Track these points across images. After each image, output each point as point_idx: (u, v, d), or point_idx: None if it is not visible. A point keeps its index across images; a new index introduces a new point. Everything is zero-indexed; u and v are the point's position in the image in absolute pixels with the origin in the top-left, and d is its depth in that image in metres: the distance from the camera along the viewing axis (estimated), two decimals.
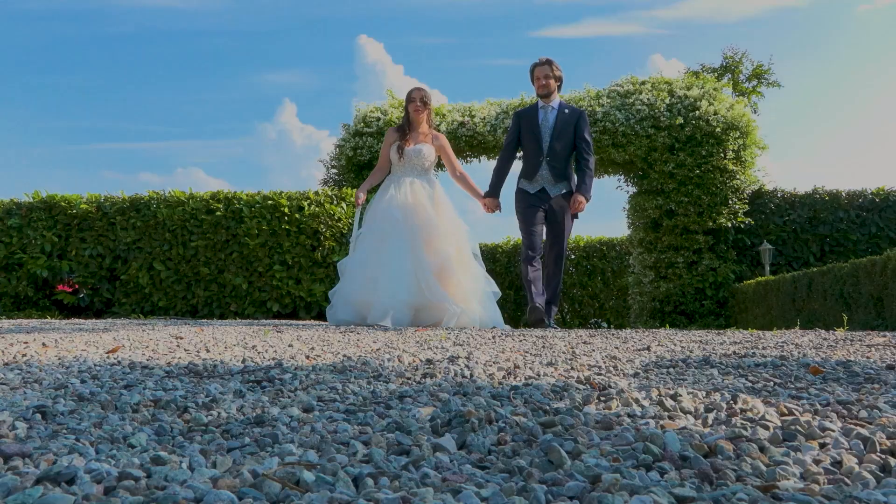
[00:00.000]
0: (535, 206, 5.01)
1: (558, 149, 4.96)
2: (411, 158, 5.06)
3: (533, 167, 5.00)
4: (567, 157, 5.02)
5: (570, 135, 5.00)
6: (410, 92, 5.25)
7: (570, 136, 5.00)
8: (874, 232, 8.90)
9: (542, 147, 4.96)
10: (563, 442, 0.93)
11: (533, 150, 5.01)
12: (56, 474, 0.76)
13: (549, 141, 4.96)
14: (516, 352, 2.14)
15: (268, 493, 0.74)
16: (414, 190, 5.00)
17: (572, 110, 5.08)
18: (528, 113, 5.13)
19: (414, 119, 5.17)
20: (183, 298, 7.86)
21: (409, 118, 5.20)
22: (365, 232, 4.97)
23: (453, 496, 0.73)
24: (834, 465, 0.85)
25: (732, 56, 23.65)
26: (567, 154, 5.02)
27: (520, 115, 5.17)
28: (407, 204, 4.89)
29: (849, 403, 1.18)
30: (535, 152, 5.00)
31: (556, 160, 4.96)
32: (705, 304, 8.70)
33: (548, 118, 5.02)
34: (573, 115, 5.04)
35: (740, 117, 8.63)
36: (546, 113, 5.04)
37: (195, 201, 7.88)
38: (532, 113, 5.10)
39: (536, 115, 5.05)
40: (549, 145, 4.96)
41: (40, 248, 7.88)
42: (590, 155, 5.04)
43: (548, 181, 4.97)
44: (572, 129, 5.02)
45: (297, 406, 1.23)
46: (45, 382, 1.47)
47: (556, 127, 4.97)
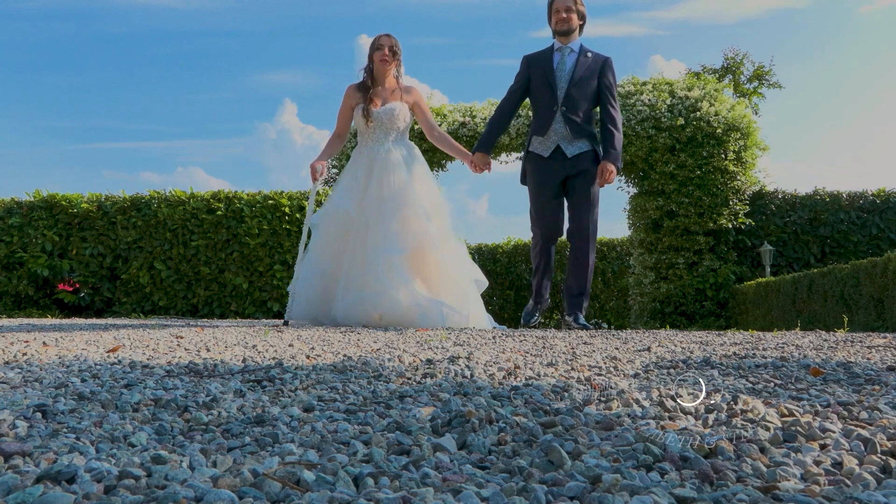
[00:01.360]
0: (551, 174, 4.11)
1: (577, 98, 4.07)
2: (382, 121, 4.21)
3: (545, 120, 4.10)
4: (588, 111, 4.14)
5: (592, 85, 4.12)
6: (378, 38, 4.31)
7: (592, 86, 4.12)
8: (875, 233, 8.89)
9: (557, 94, 4.07)
10: (563, 442, 0.93)
11: (545, 98, 4.13)
12: (56, 473, 0.76)
13: (565, 87, 4.07)
14: (517, 352, 2.14)
15: (268, 493, 0.74)
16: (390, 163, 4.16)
17: (595, 55, 4.17)
18: (541, 56, 4.22)
19: (380, 72, 4.28)
20: (183, 298, 7.86)
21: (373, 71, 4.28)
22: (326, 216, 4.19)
23: (454, 496, 0.73)
24: (834, 466, 0.85)
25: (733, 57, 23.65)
26: (588, 107, 4.13)
27: (529, 59, 4.24)
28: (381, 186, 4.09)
29: (849, 405, 1.18)
30: (547, 101, 4.11)
31: (574, 111, 4.07)
32: (706, 305, 8.69)
33: (565, 62, 4.12)
34: (597, 60, 4.15)
35: (741, 118, 8.63)
36: (563, 56, 4.15)
37: (196, 201, 7.89)
38: (546, 56, 4.19)
39: (551, 59, 4.15)
40: (565, 93, 4.07)
41: (41, 247, 7.88)
42: (617, 112, 4.14)
43: (564, 137, 4.07)
44: (595, 78, 4.13)
45: (298, 406, 1.23)
46: (45, 381, 1.47)
47: (576, 73, 4.08)
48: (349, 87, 4.37)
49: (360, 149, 4.31)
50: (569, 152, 4.07)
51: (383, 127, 4.21)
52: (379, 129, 4.21)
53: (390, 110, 4.21)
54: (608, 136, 4.11)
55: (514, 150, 9.26)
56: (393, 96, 4.28)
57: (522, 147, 9.11)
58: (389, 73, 4.30)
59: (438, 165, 9.18)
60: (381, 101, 4.25)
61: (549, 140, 4.09)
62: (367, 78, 4.30)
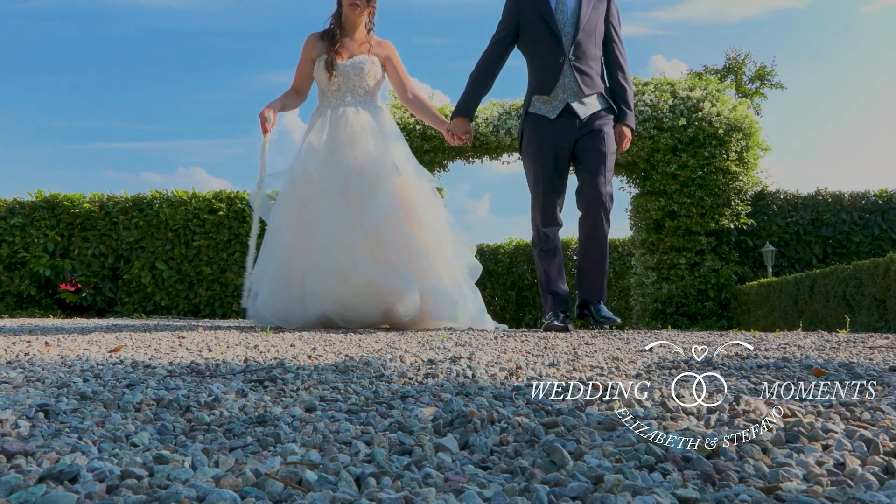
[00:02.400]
0: (559, 138, 3.33)
1: (586, 45, 3.32)
2: (349, 77, 3.54)
3: (549, 75, 3.32)
4: (599, 58, 3.42)
5: (599, 27, 3.37)
6: None
7: (599, 28, 3.37)
8: (877, 234, 8.88)
9: (562, 43, 3.29)
10: (565, 442, 0.93)
11: (546, 48, 3.32)
12: (59, 473, 0.76)
13: (571, 34, 3.30)
14: (518, 352, 2.14)
15: (270, 493, 0.74)
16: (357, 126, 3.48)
17: None
18: None
19: (349, 20, 3.60)
20: (185, 298, 7.87)
21: (341, 18, 3.61)
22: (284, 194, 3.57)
23: (456, 496, 0.73)
24: (837, 467, 0.85)
25: (735, 57, 23.65)
26: (599, 54, 3.42)
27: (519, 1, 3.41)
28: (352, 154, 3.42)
29: (851, 405, 1.17)
30: (550, 51, 3.31)
31: (585, 61, 3.32)
32: (707, 306, 8.69)
33: (565, 2, 3.34)
34: None
35: (743, 119, 8.63)
36: None
37: (197, 201, 7.90)
38: None
39: None
40: (572, 39, 3.30)
41: (43, 247, 7.89)
42: (626, 60, 3.45)
43: (575, 94, 3.31)
44: (602, 21, 3.40)
45: (300, 406, 1.23)
46: (47, 381, 1.48)
47: (582, 13, 3.31)
48: (310, 35, 3.66)
49: (321, 109, 3.63)
50: (581, 112, 3.31)
51: (349, 84, 3.55)
52: (344, 87, 3.56)
53: (359, 64, 3.55)
54: (619, 90, 3.42)
55: (516, 151, 9.24)
56: (362, 49, 3.62)
57: None
58: (361, 22, 3.62)
59: (440, 165, 9.18)
60: (348, 53, 3.58)
61: (555, 99, 3.33)
62: (334, 26, 3.61)
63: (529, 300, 11.36)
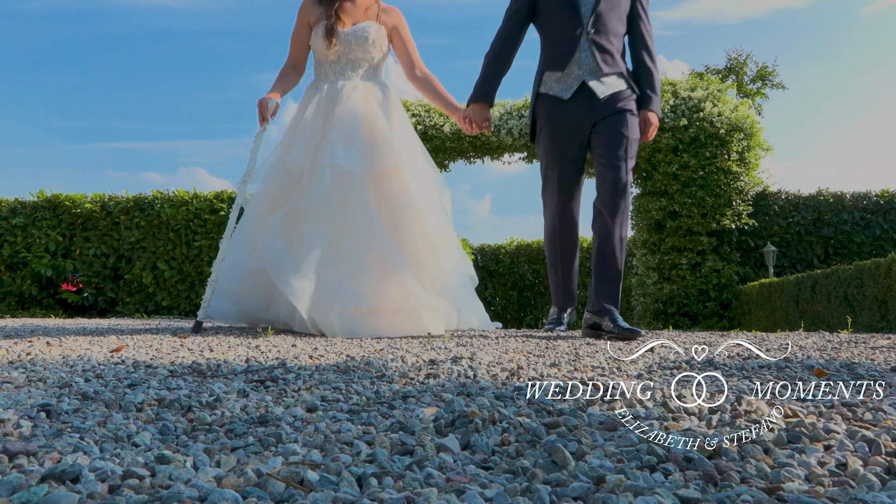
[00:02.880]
0: (575, 121, 2.98)
1: (607, 16, 2.94)
2: (351, 46, 3.08)
3: (565, 49, 2.95)
4: (622, 34, 3.03)
5: (624, 1, 3.01)
6: None
7: (624, 3, 3.01)
8: (878, 234, 8.88)
9: (581, 13, 2.92)
10: (566, 443, 0.93)
11: (563, 19, 2.96)
12: (61, 472, 0.76)
13: (591, 3, 2.92)
14: (519, 353, 2.14)
15: (272, 493, 0.74)
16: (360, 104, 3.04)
17: None
18: None
19: None
20: (186, 298, 7.87)
21: None
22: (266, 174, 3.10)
23: (457, 496, 0.73)
24: (839, 468, 0.85)
25: (737, 57, 23.64)
26: (622, 29, 3.02)
27: None
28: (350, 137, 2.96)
29: (853, 405, 1.17)
30: (567, 23, 2.95)
31: (605, 35, 2.94)
32: (709, 306, 8.68)
33: None
34: None
35: (744, 119, 8.62)
36: None
37: (199, 201, 7.90)
38: None
39: None
40: (592, 9, 2.92)
41: (44, 247, 7.90)
42: (653, 42, 3.07)
43: (592, 71, 2.94)
44: None
45: (301, 406, 1.23)
46: (49, 381, 1.48)
47: None
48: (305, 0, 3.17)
49: (317, 84, 3.15)
50: (599, 91, 2.93)
51: (352, 55, 3.09)
52: (345, 58, 3.09)
53: (362, 31, 3.08)
54: (644, 72, 3.03)
55: (517, 151, 9.24)
56: (367, 15, 3.14)
57: (527, 147, 9.10)
58: None
59: (440, 166, 9.18)
60: (351, 19, 3.10)
61: (570, 76, 2.95)
62: None
63: (531, 300, 11.36)
